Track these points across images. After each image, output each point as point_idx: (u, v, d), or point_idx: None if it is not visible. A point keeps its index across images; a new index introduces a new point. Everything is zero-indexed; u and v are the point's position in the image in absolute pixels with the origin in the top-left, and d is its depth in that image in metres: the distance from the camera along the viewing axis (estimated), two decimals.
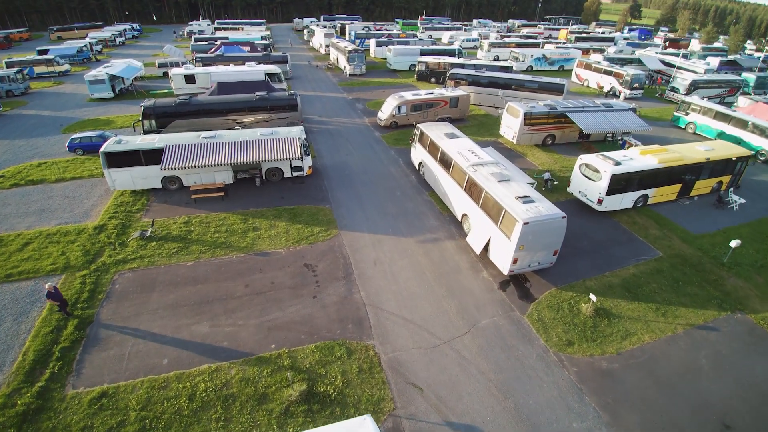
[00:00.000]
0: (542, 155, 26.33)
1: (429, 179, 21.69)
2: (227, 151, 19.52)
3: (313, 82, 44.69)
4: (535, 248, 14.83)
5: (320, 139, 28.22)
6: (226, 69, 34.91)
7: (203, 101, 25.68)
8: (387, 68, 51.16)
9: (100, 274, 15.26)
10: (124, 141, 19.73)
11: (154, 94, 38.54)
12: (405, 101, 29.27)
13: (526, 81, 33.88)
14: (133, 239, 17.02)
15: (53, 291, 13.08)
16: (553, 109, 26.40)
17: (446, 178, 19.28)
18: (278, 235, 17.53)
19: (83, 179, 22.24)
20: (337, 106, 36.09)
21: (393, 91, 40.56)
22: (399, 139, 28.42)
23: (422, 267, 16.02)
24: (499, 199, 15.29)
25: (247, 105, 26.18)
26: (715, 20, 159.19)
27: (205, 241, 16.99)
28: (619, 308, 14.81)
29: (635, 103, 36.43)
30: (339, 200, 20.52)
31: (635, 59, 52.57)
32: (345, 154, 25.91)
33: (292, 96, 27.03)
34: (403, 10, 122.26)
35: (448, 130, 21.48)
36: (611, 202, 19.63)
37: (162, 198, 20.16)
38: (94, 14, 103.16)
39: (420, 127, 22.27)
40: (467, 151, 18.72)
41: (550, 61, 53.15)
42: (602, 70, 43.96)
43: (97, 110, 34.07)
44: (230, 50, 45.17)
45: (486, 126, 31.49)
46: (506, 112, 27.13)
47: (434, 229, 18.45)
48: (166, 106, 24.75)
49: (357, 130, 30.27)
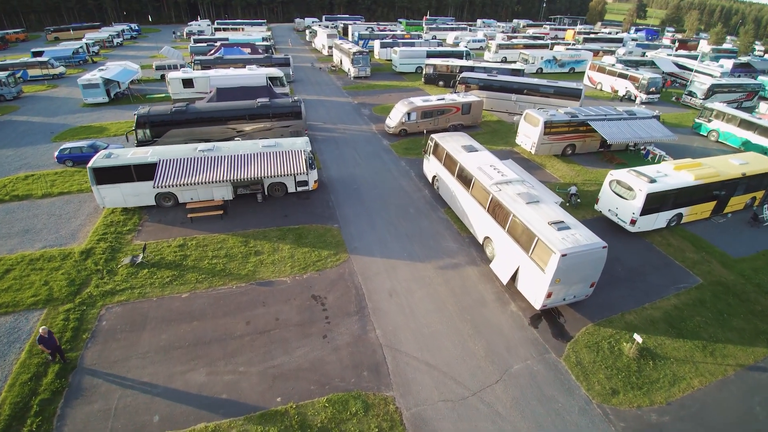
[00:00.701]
0: (562, 166, 24.71)
1: (444, 195, 20.10)
2: (226, 166, 17.94)
3: (317, 85, 43.07)
4: (572, 281, 13.25)
5: (325, 149, 26.62)
6: (226, 73, 33.31)
7: (201, 109, 24.08)
8: (392, 70, 49.54)
9: (85, 308, 13.69)
10: (114, 155, 18.15)
11: (151, 99, 36.96)
12: (415, 108, 27.66)
13: (541, 85, 32.24)
14: (123, 266, 15.45)
15: (46, 336, 11.35)
16: (575, 117, 24.78)
17: (465, 195, 17.68)
18: (282, 261, 15.95)
19: (72, 194, 20.65)
20: (343, 111, 34.48)
21: (400, 95, 39.09)
22: (409, 148, 26.81)
23: (443, 299, 14.43)
24: (529, 224, 13.70)
25: (247, 112, 24.58)
26: (720, 20, 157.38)
27: (202, 268, 15.40)
28: (663, 347, 13.26)
29: (656, 109, 34.85)
30: (348, 218, 18.93)
31: (648, 61, 50.99)
32: (352, 166, 24.31)
33: (295, 102, 25.46)
34: (406, 9, 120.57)
35: (465, 142, 19.88)
36: (645, 223, 18.04)
37: (156, 217, 18.58)
38: (92, 14, 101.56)
39: (434, 138, 20.67)
40: (489, 167, 17.11)
41: (561, 63, 51.51)
42: (617, 73, 42.32)
43: (90, 116, 32.48)
44: (230, 52, 43.56)
45: (500, 134, 29.87)
46: (524, 120, 25.50)
47: (453, 252, 16.86)
48: (161, 115, 23.15)
49: (364, 138, 28.68)
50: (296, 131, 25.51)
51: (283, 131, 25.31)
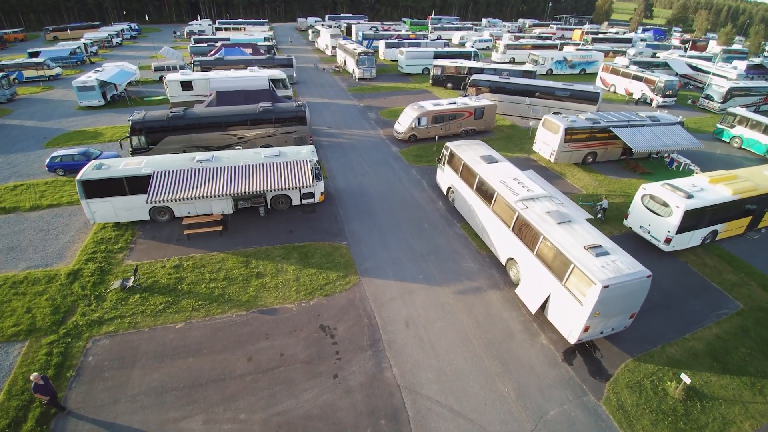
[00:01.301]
0: (584, 176, 23.27)
1: (461, 208, 18.70)
2: (226, 179, 16.58)
3: (320, 87, 41.68)
4: (612, 313, 11.86)
5: (331, 156, 25.23)
6: (226, 75, 31.92)
7: (200, 114, 22.70)
8: (398, 71, 48.07)
9: (70, 340, 12.34)
10: (105, 166, 16.79)
11: (149, 101, 35.62)
12: (425, 112, 26.24)
13: (556, 88, 30.78)
14: (113, 290, 14.09)
15: (42, 383, 9.96)
16: (597, 123, 23.33)
17: (485, 211, 16.29)
18: (287, 284, 14.57)
19: (61, 207, 19.31)
20: (348, 115, 33.09)
21: (407, 98, 37.68)
22: (420, 155, 25.40)
23: (465, 330, 13.04)
24: (563, 248, 12.31)
25: (249, 118, 23.20)
26: (727, 20, 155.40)
27: (199, 293, 14.04)
28: (710, 386, 11.90)
29: (669, 112, 33.37)
30: (357, 235, 17.54)
31: (661, 63, 49.44)
32: (360, 174, 22.91)
33: (299, 107, 24.06)
34: (410, 9, 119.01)
35: (483, 152, 18.48)
36: (680, 241, 16.62)
37: (150, 233, 17.22)
38: (92, 14, 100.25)
39: (450, 147, 19.27)
40: (512, 181, 15.71)
41: (571, 64, 49.99)
42: (631, 75, 40.80)
43: (85, 120, 31.16)
44: (231, 53, 42.15)
45: (514, 139, 28.43)
46: (542, 127, 24.06)
47: (473, 274, 15.46)
48: (157, 120, 21.77)
49: (372, 143, 27.27)
50: (300, 137, 24.14)
51: (287, 137, 23.94)
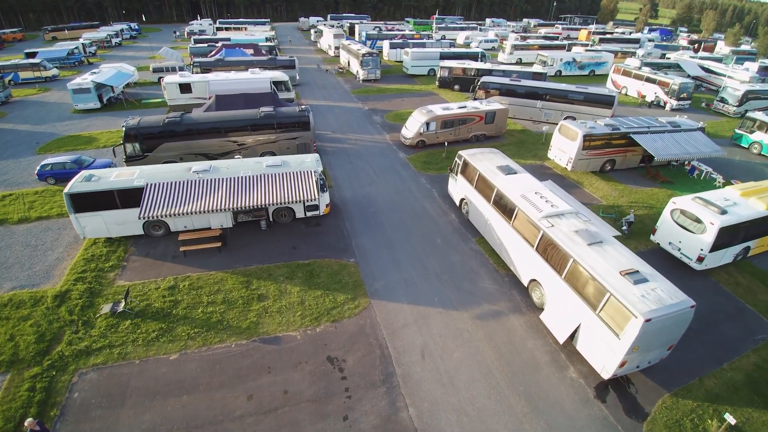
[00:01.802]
0: (602, 185, 22.07)
1: (476, 222, 17.53)
2: (225, 192, 15.43)
3: (323, 89, 40.52)
4: (652, 347, 10.71)
5: (336, 163, 24.07)
6: (227, 77, 30.78)
7: (198, 119, 21.56)
8: (403, 73, 46.85)
9: (55, 373, 11.22)
10: (95, 177, 15.66)
11: (147, 104, 34.52)
12: (434, 117, 25.06)
13: (569, 91, 29.58)
14: (102, 315, 12.98)
15: (37, 429, 8.97)
16: (616, 129, 22.12)
17: (504, 227, 15.12)
18: (291, 308, 13.44)
19: (51, 219, 18.19)
20: (353, 118, 31.92)
21: (412, 101, 36.53)
22: (429, 162, 24.22)
23: (487, 362, 11.89)
24: (597, 274, 11.14)
25: (249, 123, 22.06)
26: (732, 20, 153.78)
27: (195, 319, 12.91)
28: (752, 423, 10.86)
29: (687, 116, 32.15)
30: (365, 251, 16.38)
31: (673, 64, 48.16)
32: (367, 183, 21.75)
33: (303, 112, 22.91)
34: (413, 8, 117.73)
35: (500, 161, 17.31)
36: (712, 259, 15.44)
37: (144, 249, 16.09)
38: (91, 14, 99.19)
39: (463, 156, 18.10)
40: (534, 195, 14.54)
41: (580, 65, 48.76)
42: (644, 77, 39.58)
43: (80, 124, 30.05)
44: (232, 54, 41.00)
45: (526, 145, 27.24)
46: (558, 133, 22.86)
47: (492, 296, 14.30)
48: (152, 126, 20.64)
49: (378, 149, 26.10)
50: (304, 143, 23.00)
51: (290, 144, 22.80)
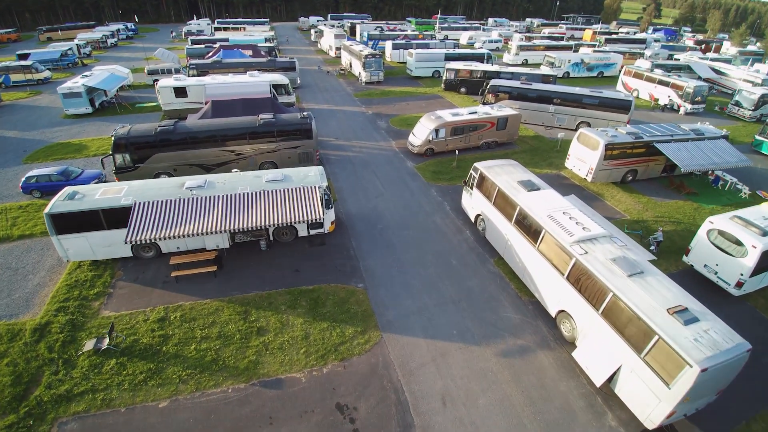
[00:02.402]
0: (625, 197, 20.69)
1: (494, 241, 16.15)
2: (221, 211, 14.04)
3: (325, 91, 39.11)
4: (703, 395, 9.37)
5: (340, 173, 22.67)
6: (224, 80, 29.36)
7: (192, 128, 20.15)
8: (406, 74, 45.38)
9: (33, 422, 9.84)
10: (78, 195, 14.26)
11: (141, 108, 33.11)
12: (444, 123, 23.67)
13: (583, 96, 28.18)
14: (84, 353, 11.60)
15: None
16: (639, 138, 20.75)
17: (528, 249, 13.75)
18: (294, 343, 12.06)
19: (34, 238, 16.78)
20: (356, 123, 30.52)
21: (418, 104, 35.16)
22: (439, 171, 22.82)
23: (517, 409, 10.51)
24: (642, 313, 9.78)
25: (248, 131, 20.63)
26: (736, 20, 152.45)
27: (188, 358, 11.52)
28: None
29: (706, 122, 30.87)
30: (375, 274, 15.00)
31: (684, 66, 46.78)
32: (374, 196, 20.36)
33: (304, 118, 21.50)
34: (413, 8, 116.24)
35: (520, 175, 15.94)
36: (752, 284, 14.08)
37: (132, 273, 14.69)
38: (88, 13, 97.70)
39: (480, 168, 16.71)
40: (562, 216, 13.17)
41: (589, 66, 47.38)
42: (656, 79, 38.21)
43: (71, 130, 28.63)
44: (229, 55, 39.59)
45: (540, 153, 25.84)
46: (577, 142, 21.47)
47: (516, 328, 12.92)
48: (143, 136, 19.22)
49: (384, 158, 24.70)
50: (306, 153, 21.62)
51: (291, 153, 21.41)
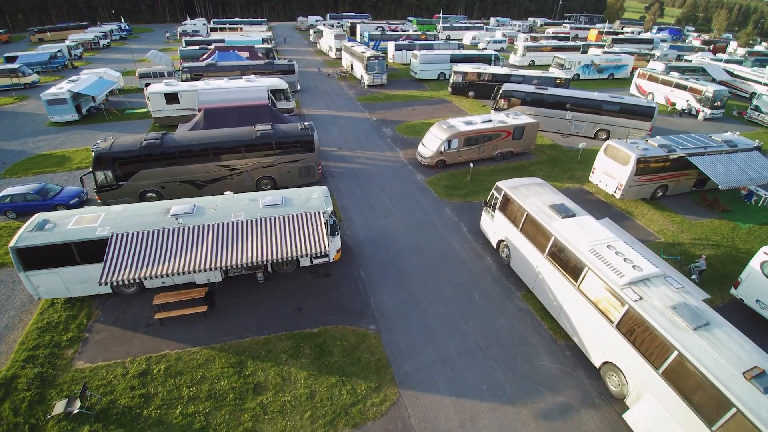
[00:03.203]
0: (656, 216, 18.94)
1: (522, 272, 14.34)
2: (212, 244, 12.22)
3: (325, 95, 37.28)
4: None
5: (344, 188, 20.85)
6: (218, 86, 27.52)
7: (181, 141, 18.28)
8: (410, 76, 43.52)
9: None
10: (49, 224, 12.43)
11: (131, 114, 31.24)
12: (457, 134, 21.87)
13: (603, 101, 26.42)
14: (54, 417, 9.80)
15: None
16: (672, 151, 18.99)
17: (565, 288, 11.98)
18: (297, 405, 10.27)
19: (5, 268, 14.86)
20: (360, 131, 28.70)
21: (424, 108, 33.38)
22: (452, 186, 21.01)
23: None
24: (715, 378, 8.05)
25: (243, 144, 18.79)
26: (738, 19, 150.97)
27: (172, 425, 9.70)
28: None
29: (736, 132, 29.17)
30: (388, 313, 13.20)
31: (697, 68, 45.04)
32: (383, 215, 18.55)
33: (306, 129, 19.67)
34: (414, 7, 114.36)
35: (551, 197, 14.16)
36: None
37: (111, 313, 12.87)
38: (81, 13, 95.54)
39: (503, 189, 14.93)
40: (606, 250, 11.38)
41: (599, 68, 45.64)
42: (673, 83, 36.47)
43: (55, 139, 26.74)
44: (225, 57, 37.72)
45: (559, 163, 24.07)
46: (604, 155, 19.69)
47: (555, 381, 11.14)
48: (127, 151, 17.33)
49: (392, 170, 22.89)
50: (307, 167, 19.82)
51: (291, 167, 19.61)
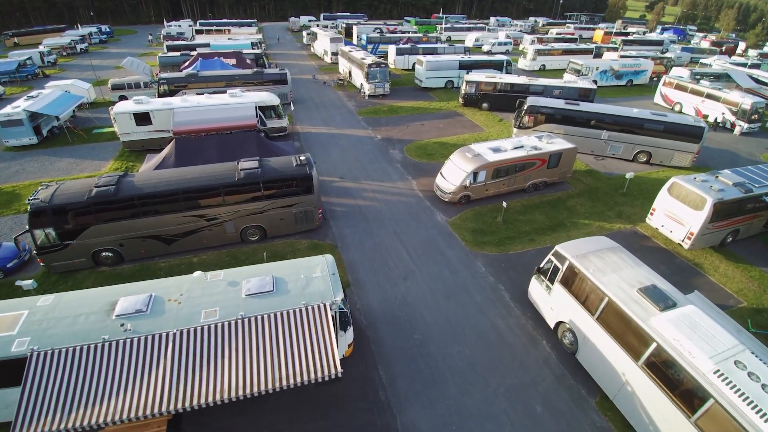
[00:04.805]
0: (730, 270, 15.22)
1: (595, 370, 10.64)
2: (170, 370, 8.34)
3: (322, 108, 33.35)
4: None
5: (351, 236, 16.97)
6: (198, 103, 23.50)
7: (143, 186, 14.20)
8: (415, 85, 39.49)
9: None
10: None
11: (100, 134, 27.17)
12: (485, 164, 18.14)
13: (645, 120, 22.82)
14: None
15: None
16: (749, 191, 15.40)
17: (675, 418, 8.35)
18: None
19: None
20: (364, 154, 24.83)
21: (433, 124, 29.62)
22: (481, 230, 17.24)
23: None
24: None
25: (223, 187, 14.91)
26: (738, 18, 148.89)
27: None
28: None
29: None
30: None
31: (722, 74, 41.77)
32: (401, 277, 14.68)
33: (302, 166, 15.78)
34: (410, 6, 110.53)
35: (635, 275, 10.48)
36: None
37: None
38: (62, 15, 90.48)
39: (568, 258, 11.23)
40: (736, 371, 7.73)
41: (617, 74, 42.24)
42: (704, 93, 33.08)
43: (8, 169, 22.52)
44: (209, 66, 33.61)
45: (601, 195, 20.44)
46: (668, 195, 16.03)
47: None
48: (72, 203, 13.37)
49: (406, 208, 19.07)
50: (304, 212, 16.04)
51: (284, 214, 15.80)
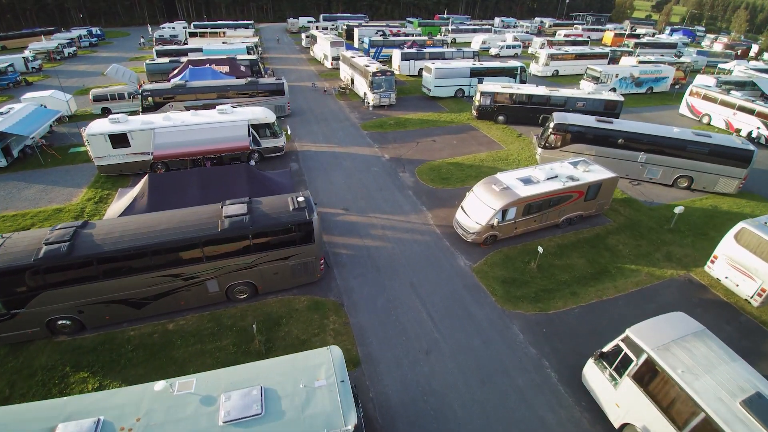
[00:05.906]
0: None
1: None
2: None
3: (323, 121, 30.62)
4: None
5: (358, 291, 14.19)
6: (182, 122, 20.73)
7: (104, 242, 11.33)
8: (422, 93, 36.59)
9: None
10: None
11: (75, 155, 24.40)
12: (516, 200, 15.42)
13: (688, 141, 20.15)
14: None
15: None
16: None
17: None
18: None
19: None
20: (370, 178, 22.06)
21: (445, 140, 26.89)
22: (512, 280, 14.53)
23: None
24: None
25: (204, 241, 12.14)
26: (747, 19, 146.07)
27: None
28: None
29: None
30: None
31: (747, 82, 39.13)
32: (422, 350, 11.87)
33: (300, 210, 13.02)
34: (412, 6, 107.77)
35: (730, 373, 7.96)
36: None
37: None
38: (53, 17, 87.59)
39: (645, 349, 8.58)
40: None
41: (637, 81, 39.58)
42: (735, 105, 30.44)
43: None
44: (199, 75, 30.79)
45: (644, 231, 17.76)
46: (736, 242, 13.12)
47: None
48: (17, 266, 10.64)
49: (422, 249, 16.29)
50: (303, 264, 13.36)
51: (279, 268, 13.08)
